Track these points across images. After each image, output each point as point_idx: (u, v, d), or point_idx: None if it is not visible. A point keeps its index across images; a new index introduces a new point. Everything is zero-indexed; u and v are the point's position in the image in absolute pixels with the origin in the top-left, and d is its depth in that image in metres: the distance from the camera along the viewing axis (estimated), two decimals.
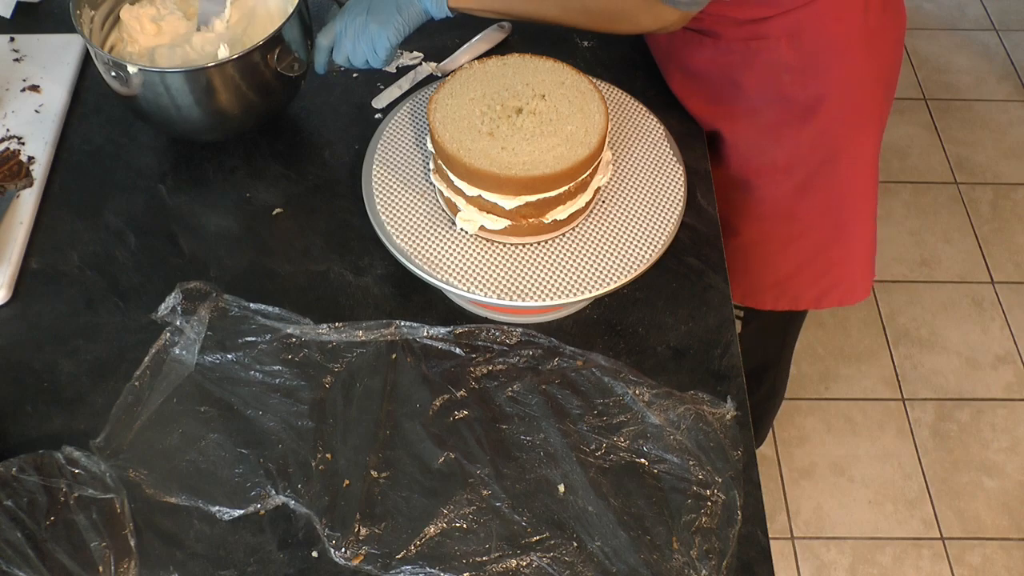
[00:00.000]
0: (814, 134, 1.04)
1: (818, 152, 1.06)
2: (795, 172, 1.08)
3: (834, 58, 0.99)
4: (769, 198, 1.11)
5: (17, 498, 0.76)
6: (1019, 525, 1.82)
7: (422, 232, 0.87)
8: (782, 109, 1.03)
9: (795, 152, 1.06)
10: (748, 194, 1.11)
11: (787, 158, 1.07)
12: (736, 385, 0.88)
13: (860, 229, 1.16)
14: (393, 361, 0.87)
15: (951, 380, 2.01)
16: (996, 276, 2.17)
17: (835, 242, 1.15)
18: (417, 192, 0.90)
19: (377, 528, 0.78)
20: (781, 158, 1.07)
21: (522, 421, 0.84)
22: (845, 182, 1.10)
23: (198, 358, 0.86)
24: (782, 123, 1.04)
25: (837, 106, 1.02)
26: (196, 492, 0.80)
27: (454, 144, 0.82)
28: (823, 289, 1.21)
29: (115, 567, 0.75)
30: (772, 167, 1.08)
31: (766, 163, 1.08)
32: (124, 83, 0.92)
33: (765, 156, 1.07)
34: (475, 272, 0.84)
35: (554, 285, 0.84)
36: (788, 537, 1.81)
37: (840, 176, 1.09)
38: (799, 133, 1.04)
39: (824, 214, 1.12)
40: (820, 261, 1.17)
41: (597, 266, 0.85)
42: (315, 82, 1.09)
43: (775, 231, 1.14)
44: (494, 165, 0.81)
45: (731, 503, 0.80)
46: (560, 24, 0.92)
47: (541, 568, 0.76)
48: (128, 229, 0.98)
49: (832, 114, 1.03)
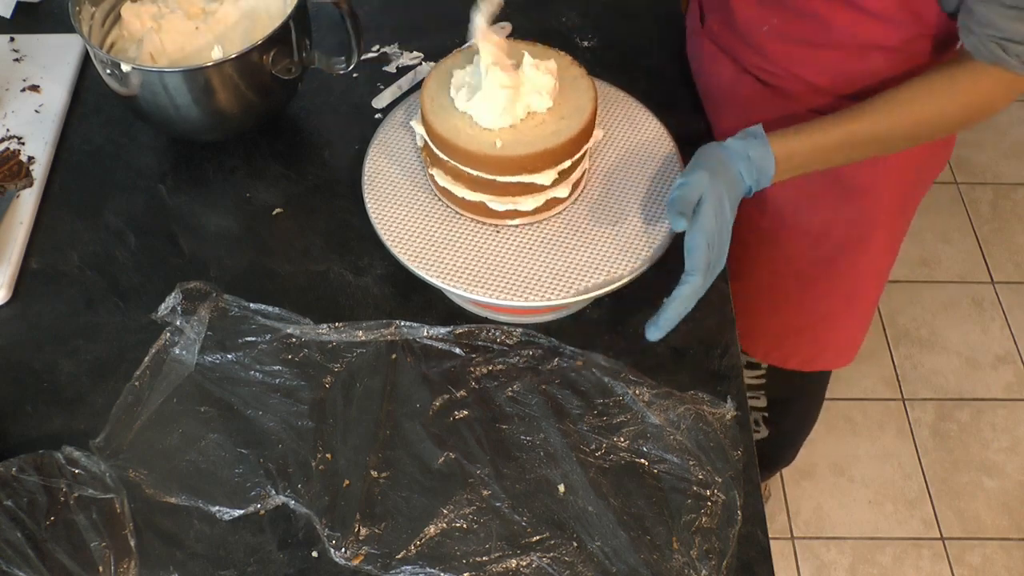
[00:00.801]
0: (854, 213, 1.02)
1: (853, 230, 1.04)
2: (823, 242, 1.06)
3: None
4: (790, 257, 1.08)
5: (17, 498, 0.76)
6: (1019, 525, 1.81)
7: (422, 232, 0.87)
8: (830, 181, 0.99)
9: (830, 224, 1.04)
10: (770, 246, 1.09)
11: (820, 227, 1.04)
12: (736, 385, 0.88)
13: (868, 303, 1.15)
14: (393, 361, 0.87)
15: (951, 380, 2.01)
16: (996, 276, 2.17)
17: (842, 313, 1.14)
18: (417, 192, 0.90)
19: (377, 528, 0.78)
20: (815, 225, 1.04)
21: (522, 421, 0.84)
22: (869, 261, 1.09)
23: (198, 358, 0.86)
24: (825, 194, 1.01)
25: (885, 192, 1.00)
26: (196, 492, 0.80)
27: (445, 127, 0.83)
28: (816, 352, 1.20)
29: (115, 567, 0.75)
30: (802, 230, 1.05)
31: (798, 225, 1.05)
32: (122, 82, 0.92)
33: (798, 218, 1.04)
34: (475, 272, 0.84)
35: (554, 285, 0.84)
36: (788, 537, 1.81)
37: (867, 255, 1.07)
38: (839, 208, 1.02)
39: (839, 286, 1.11)
40: (821, 327, 1.16)
41: (597, 266, 0.85)
42: (315, 82, 1.09)
43: (785, 288, 1.12)
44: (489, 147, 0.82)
45: (731, 503, 0.79)
46: (908, 145, 0.88)
47: (541, 568, 0.76)
48: (128, 229, 0.98)
49: (877, 198, 1.01)
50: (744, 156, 0.82)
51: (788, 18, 0.89)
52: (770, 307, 1.15)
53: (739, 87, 1.00)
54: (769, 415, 1.45)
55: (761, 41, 0.93)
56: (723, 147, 0.83)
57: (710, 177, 0.80)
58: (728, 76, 1.00)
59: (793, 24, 0.89)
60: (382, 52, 1.14)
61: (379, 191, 0.90)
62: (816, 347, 1.20)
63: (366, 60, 1.13)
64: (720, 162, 0.82)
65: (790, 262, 1.09)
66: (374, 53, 1.14)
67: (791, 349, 1.20)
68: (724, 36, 0.98)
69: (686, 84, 1.12)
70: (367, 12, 1.18)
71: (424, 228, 0.88)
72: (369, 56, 1.14)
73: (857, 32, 0.85)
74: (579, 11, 1.19)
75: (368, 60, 1.13)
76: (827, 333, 1.18)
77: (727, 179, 0.82)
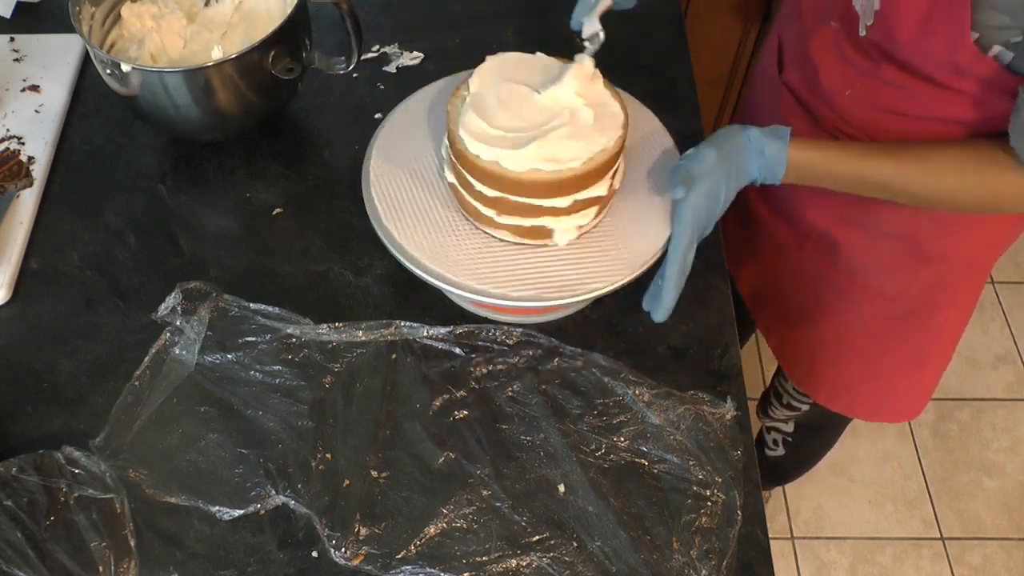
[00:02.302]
0: (931, 277, 1.01)
1: (929, 294, 1.04)
2: (898, 303, 1.05)
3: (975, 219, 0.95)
4: (863, 314, 1.08)
5: (17, 498, 0.76)
6: (1019, 525, 1.82)
7: (422, 232, 0.87)
8: (908, 247, 0.99)
9: (905, 288, 1.03)
10: (842, 300, 1.08)
11: (895, 290, 1.04)
12: (736, 385, 0.88)
13: (940, 362, 1.15)
14: (393, 361, 0.87)
15: (951, 380, 2.01)
16: (996, 276, 2.17)
17: (912, 370, 1.14)
18: (417, 192, 0.90)
19: (377, 528, 0.78)
20: (889, 288, 1.03)
21: (522, 421, 0.84)
22: (944, 322, 1.08)
23: (198, 358, 0.86)
24: (903, 260, 1.00)
25: (962, 258, 1.00)
26: (196, 492, 0.80)
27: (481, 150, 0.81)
28: (880, 404, 1.20)
29: (115, 567, 0.75)
30: (876, 290, 1.04)
31: (871, 284, 1.04)
32: (122, 82, 0.92)
33: (872, 278, 1.03)
34: (475, 272, 0.84)
35: (554, 285, 0.84)
36: (788, 537, 1.81)
37: (942, 317, 1.07)
38: (916, 273, 1.01)
39: (912, 345, 1.10)
40: (889, 381, 1.16)
41: (597, 266, 0.85)
42: (315, 82, 1.09)
43: (855, 341, 1.11)
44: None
45: (731, 503, 0.80)
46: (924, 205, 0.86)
47: (541, 568, 0.76)
48: (128, 229, 0.98)
49: (953, 263, 1.00)
50: (760, 150, 0.83)
51: (873, 87, 0.87)
52: (837, 357, 1.15)
53: None
54: (793, 439, 1.46)
55: (842, 104, 0.92)
56: (744, 134, 0.83)
57: (717, 157, 0.82)
58: (803, 130, 0.98)
59: (878, 92, 0.87)
60: (382, 52, 1.14)
61: (379, 191, 0.90)
62: (882, 399, 1.19)
63: (366, 60, 1.13)
64: (734, 147, 0.83)
65: (862, 318, 1.08)
66: (374, 53, 1.14)
67: (856, 399, 1.20)
68: (804, 92, 0.97)
69: (686, 84, 1.12)
70: (367, 12, 1.18)
71: (424, 228, 0.88)
72: (369, 56, 1.14)
73: (942, 105, 0.84)
74: None
75: (368, 60, 1.13)
76: (895, 388, 1.17)
77: (735, 165, 0.82)
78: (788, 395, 1.34)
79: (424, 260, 0.85)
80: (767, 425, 1.49)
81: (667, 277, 0.83)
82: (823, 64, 0.92)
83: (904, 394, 1.19)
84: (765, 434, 1.52)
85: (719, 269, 0.96)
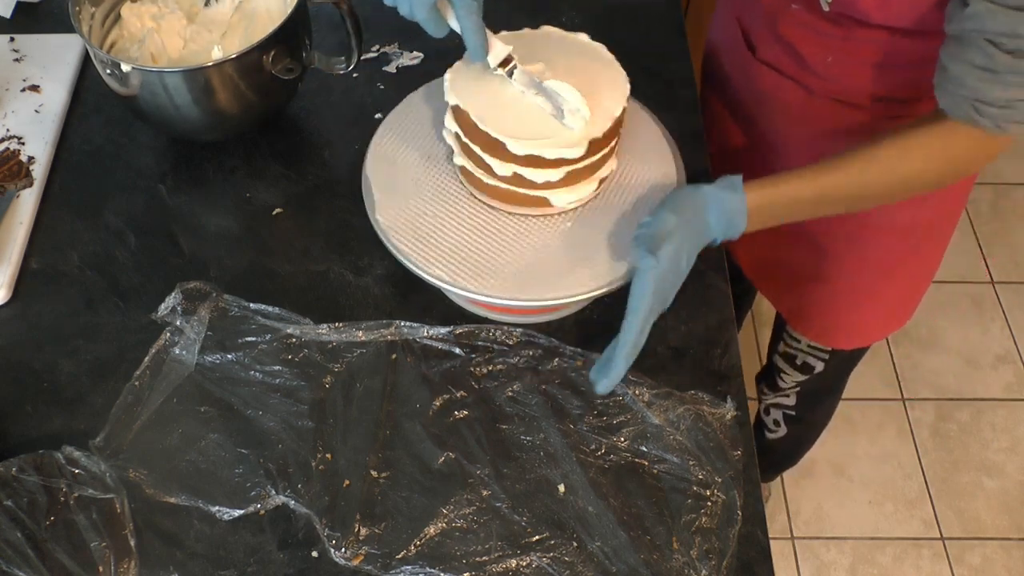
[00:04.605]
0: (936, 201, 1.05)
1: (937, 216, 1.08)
2: (909, 233, 1.08)
3: None
4: (879, 253, 1.10)
5: (17, 498, 0.77)
6: (1019, 525, 1.82)
7: (422, 232, 0.87)
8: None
9: (915, 216, 1.05)
10: (857, 246, 1.10)
11: (907, 220, 1.05)
12: (736, 385, 0.88)
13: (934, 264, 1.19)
14: (393, 361, 0.87)
15: (951, 380, 2.01)
16: (996, 276, 2.17)
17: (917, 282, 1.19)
18: (417, 192, 0.90)
19: (377, 528, 0.78)
20: (900, 219, 1.05)
21: (522, 421, 0.84)
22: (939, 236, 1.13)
23: (198, 358, 0.86)
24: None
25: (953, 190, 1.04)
26: (196, 492, 0.80)
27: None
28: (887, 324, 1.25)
29: (115, 567, 0.75)
30: (889, 227, 1.06)
31: (884, 221, 1.05)
32: (122, 82, 0.92)
33: (885, 214, 1.04)
34: (475, 272, 0.84)
35: (554, 284, 0.84)
36: (788, 537, 1.81)
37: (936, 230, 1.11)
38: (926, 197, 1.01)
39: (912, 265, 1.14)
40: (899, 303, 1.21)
41: (597, 266, 0.85)
42: (315, 82, 1.09)
43: (869, 283, 1.14)
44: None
45: (731, 503, 0.80)
46: (885, 202, 0.88)
47: (541, 568, 0.76)
48: (128, 229, 0.98)
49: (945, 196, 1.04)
50: (718, 207, 0.80)
51: (854, 48, 0.88)
52: (852, 302, 1.18)
53: (811, 108, 0.99)
54: (796, 412, 1.46)
55: (828, 70, 0.92)
56: (699, 193, 0.81)
57: (677, 221, 0.79)
58: (798, 100, 0.99)
59: (860, 50, 0.88)
60: (382, 52, 1.14)
61: (379, 191, 0.90)
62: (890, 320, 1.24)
63: (366, 60, 1.13)
64: (692, 209, 0.80)
65: (878, 257, 1.11)
66: (374, 53, 1.14)
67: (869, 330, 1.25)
68: (788, 67, 0.98)
69: (686, 84, 1.12)
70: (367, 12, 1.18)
71: (424, 228, 0.87)
72: (369, 56, 1.14)
73: (927, 50, 0.83)
74: (579, 11, 1.19)
75: (368, 60, 1.13)
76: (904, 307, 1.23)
77: (695, 227, 0.80)
78: (803, 354, 1.33)
79: (424, 260, 0.85)
80: (768, 404, 1.49)
81: (619, 352, 0.77)
82: (798, 40, 0.93)
83: (905, 306, 1.24)
84: (764, 417, 1.52)
85: (719, 269, 0.95)
